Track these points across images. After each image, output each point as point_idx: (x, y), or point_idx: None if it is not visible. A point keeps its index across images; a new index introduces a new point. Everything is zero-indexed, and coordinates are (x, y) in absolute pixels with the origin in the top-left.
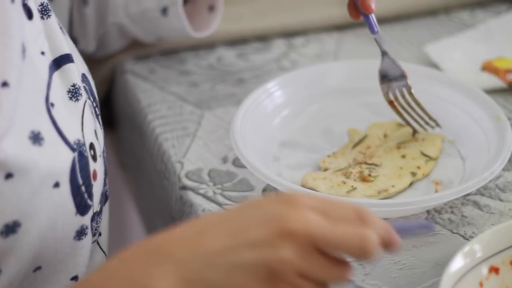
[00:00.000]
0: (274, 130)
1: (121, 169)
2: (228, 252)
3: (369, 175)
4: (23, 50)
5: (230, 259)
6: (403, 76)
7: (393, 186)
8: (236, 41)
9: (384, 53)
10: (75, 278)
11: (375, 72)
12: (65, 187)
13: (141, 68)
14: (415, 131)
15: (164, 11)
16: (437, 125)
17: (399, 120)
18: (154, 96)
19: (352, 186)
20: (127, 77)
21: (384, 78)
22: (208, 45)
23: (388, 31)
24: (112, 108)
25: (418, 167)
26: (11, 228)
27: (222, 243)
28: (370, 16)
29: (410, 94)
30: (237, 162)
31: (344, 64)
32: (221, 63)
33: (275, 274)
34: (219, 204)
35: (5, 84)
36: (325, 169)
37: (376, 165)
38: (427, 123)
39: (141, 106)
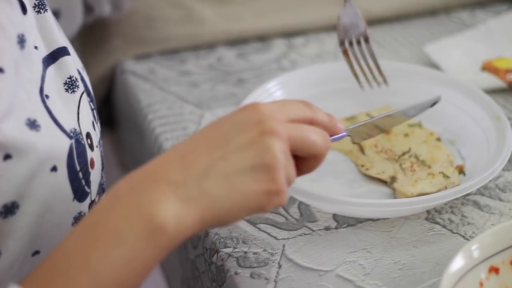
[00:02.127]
0: None
1: (121, 169)
2: (219, 161)
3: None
4: (21, 41)
5: (223, 166)
6: (363, 26)
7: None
8: (236, 41)
9: (346, 0)
10: None
11: None
12: (63, 171)
13: (141, 68)
14: (360, 85)
15: None
16: (385, 81)
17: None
18: (154, 96)
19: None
20: (127, 77)
21: (343, 26)
22: (208, 45)
23: (388, 31)
24: (112, 108)
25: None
26: (10, 209)
27: (209, 155)
28: None
29: (367, 43)
30: None
31: (344, 64)
32: (221, 63)
33: (270, 170)
34: None
35: (0, 70)
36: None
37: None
38: (375, 78)
39: (141, 106)
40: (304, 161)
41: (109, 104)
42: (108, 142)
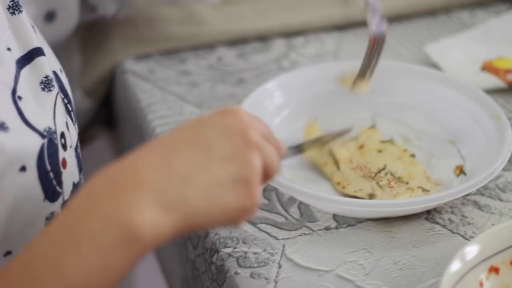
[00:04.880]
0: (274, 130)
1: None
2: (202, 171)
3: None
4: None
5: (206, 177)
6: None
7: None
8: (236, 41)
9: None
10: None
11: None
12: (32, 172)
13: (141, 68)
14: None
15: None
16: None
17: None
18: (154, 96)
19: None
20: (127, 77)
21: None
22: (208, 45)
23: (388, 31)
24: (112, 108)
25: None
26: None
27: (193, 163)
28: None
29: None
30: None
31: (344, 64)
32: (221, 63)
33: (250, 184)
34: None
35: None
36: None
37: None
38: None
39: (141, 106)
40: None
41: (109, 104)
42: (108, 142)
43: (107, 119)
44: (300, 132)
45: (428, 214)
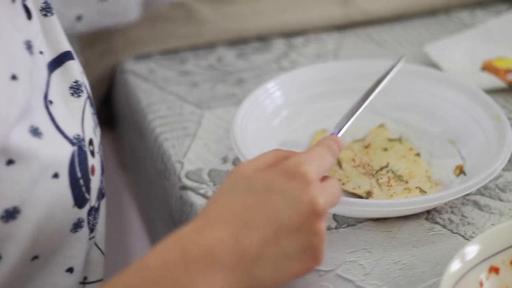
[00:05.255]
0: (274, 130)
1: (121, 169)
2: (271, 246)
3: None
4: (29, 47)
5: (274, 252)
6: None
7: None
8: (236, 41)
9: None
10: (70, 270)
11: (375, 72)
12: (64, 178)
13: (141, 68)
14: None
15: None
16: None
17: None
18: (154, 96)
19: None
20: (127, 77)
21: None
22: (208, 45)
23: (388, 31)
24: (112, 108)
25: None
26: (11, 214)
27: (262, 240)
28: None
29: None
30: (237, 162)
31: (344, 64)
32: (221, 63)
33: (316, 250)
34: None
35: (14, 77)
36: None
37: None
38: None
39: (141, 106)
40: None
41: (109, 104)
42: (108, 142)
43: (107, 119)
44: (300, 132)
45: (428, 214)
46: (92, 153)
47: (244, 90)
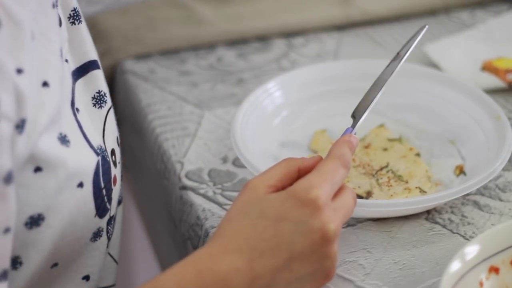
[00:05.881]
0: (274, 130)
1: (121, 169)
2: (283, 272)
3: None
4: (61, 54)
5: (286, 276)
6: None
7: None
8: (236, 41)
9: None
10: (86, 277)
11: (375, 72)
12: (88, 188)
13: (141, 68)
14: None
15: None
16: None
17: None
18: (154, 96)
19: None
20: (127, 77)
21: None
22: (208, 45)
23: (388, 31)
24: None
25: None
26: (35, 221)
27: (275, 266)
28: None
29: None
30: (237, 162)
31: (344, 64)
32: (221, 63)
33: (328, 271)
34: (219, 204)
35: (45, 84)
36: None
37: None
38: None
39: (141, 106)
40: None
41: None
42: None
43: None
44: (300, 132)
45: (428, 214)
46: (115, 163)
47: (244, 90)
